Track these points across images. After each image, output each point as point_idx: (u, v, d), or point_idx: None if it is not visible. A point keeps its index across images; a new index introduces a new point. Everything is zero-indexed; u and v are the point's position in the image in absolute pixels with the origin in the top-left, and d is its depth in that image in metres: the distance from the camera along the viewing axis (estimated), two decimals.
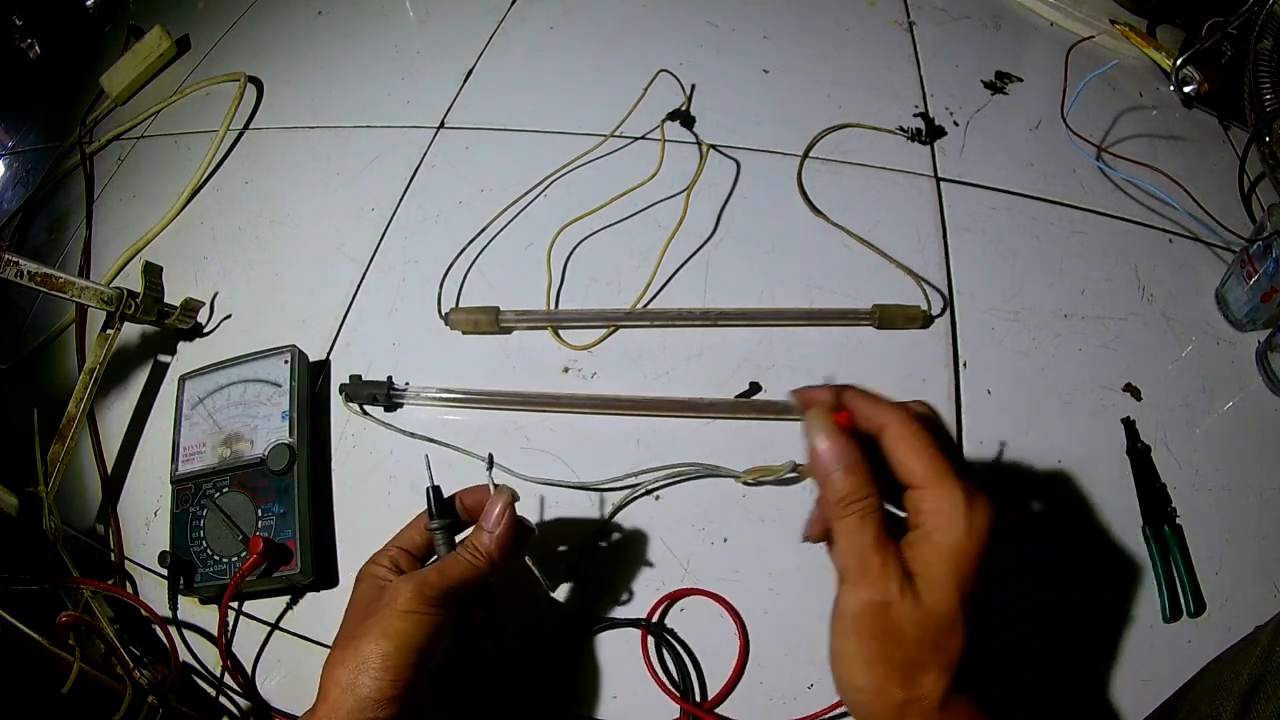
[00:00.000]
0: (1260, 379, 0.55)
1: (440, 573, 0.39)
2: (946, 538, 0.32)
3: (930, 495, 0.32)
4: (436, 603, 0.37)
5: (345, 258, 0.70)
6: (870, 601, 0.32)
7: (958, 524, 0.31)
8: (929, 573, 0.32)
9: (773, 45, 0.80)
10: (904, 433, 0.33)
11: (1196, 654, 0.45)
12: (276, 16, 1.00)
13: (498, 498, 0.41)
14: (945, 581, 0.31)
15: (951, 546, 0.31)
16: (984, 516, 0.32)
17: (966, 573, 0.31)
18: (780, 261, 0.63)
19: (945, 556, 0.32)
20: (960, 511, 0.32)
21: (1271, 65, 0.63)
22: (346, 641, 0.37)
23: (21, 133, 1.07)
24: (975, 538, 0.32)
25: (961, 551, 0.31)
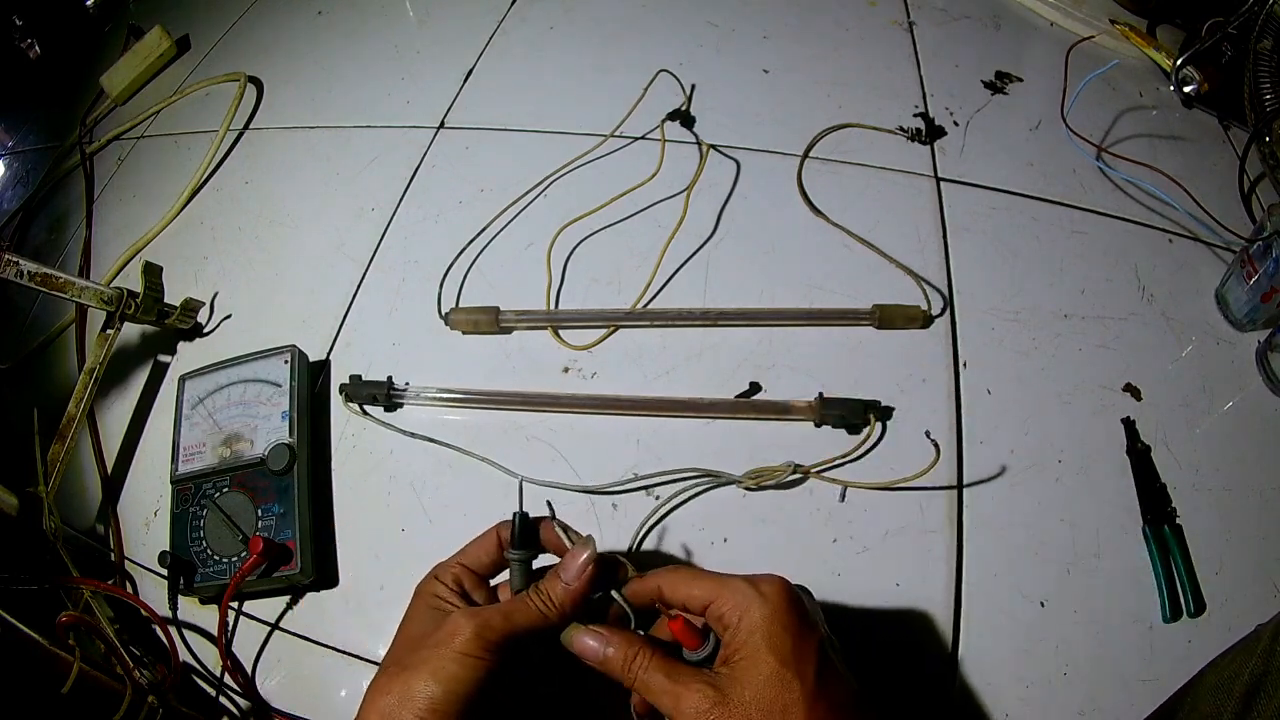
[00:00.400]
0: (1260, 379, 0.55)
1: (506, 617, 0.36)
2: (747, 620, 0.34)
3: (719, 601, 0.35)
4: (496, 649, 0.35)
5: (345, 258, 0.70)
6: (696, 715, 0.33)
7: (752, 605, 0.34)
8: (743, 653, 0.34)
9: (773, 45, 0.80)
10: (673, 579, 0.37)
11: (1196, 654, 0.45)
12: (276, 16, 1.00)
13: (580, 550, 0.39)
14: (758, 654, 0.33)
15: (756, 623, 0.34)
16: (772, 587, 0.35)
17: (778, 636, 0.33)
18: (780, 261, 0.63)
19: (754, 633, 0.34)
20: (748, 594, 0.34)
21: (1271, 65, 0.63)
22: (397, 670, 0.35)
23: (21, 133, 1.08)
24: (773, 606, 0.34)
25: (766, 621, 0.34)
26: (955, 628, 0.47)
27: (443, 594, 0.39)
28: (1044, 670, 0.46)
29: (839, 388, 0.56)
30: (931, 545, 0.50)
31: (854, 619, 0.48)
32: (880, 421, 0.54)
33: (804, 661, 0.33)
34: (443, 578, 0.40)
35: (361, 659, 0.51)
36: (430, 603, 0.39)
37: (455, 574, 0.40)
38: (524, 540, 0.40)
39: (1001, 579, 0.48)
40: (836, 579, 0.49)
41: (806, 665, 0.33)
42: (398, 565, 0.53)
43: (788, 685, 0.32)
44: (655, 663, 0.35)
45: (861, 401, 0.53)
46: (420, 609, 0.39)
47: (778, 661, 0.33)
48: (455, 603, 0.39)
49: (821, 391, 0.54)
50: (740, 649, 0.34)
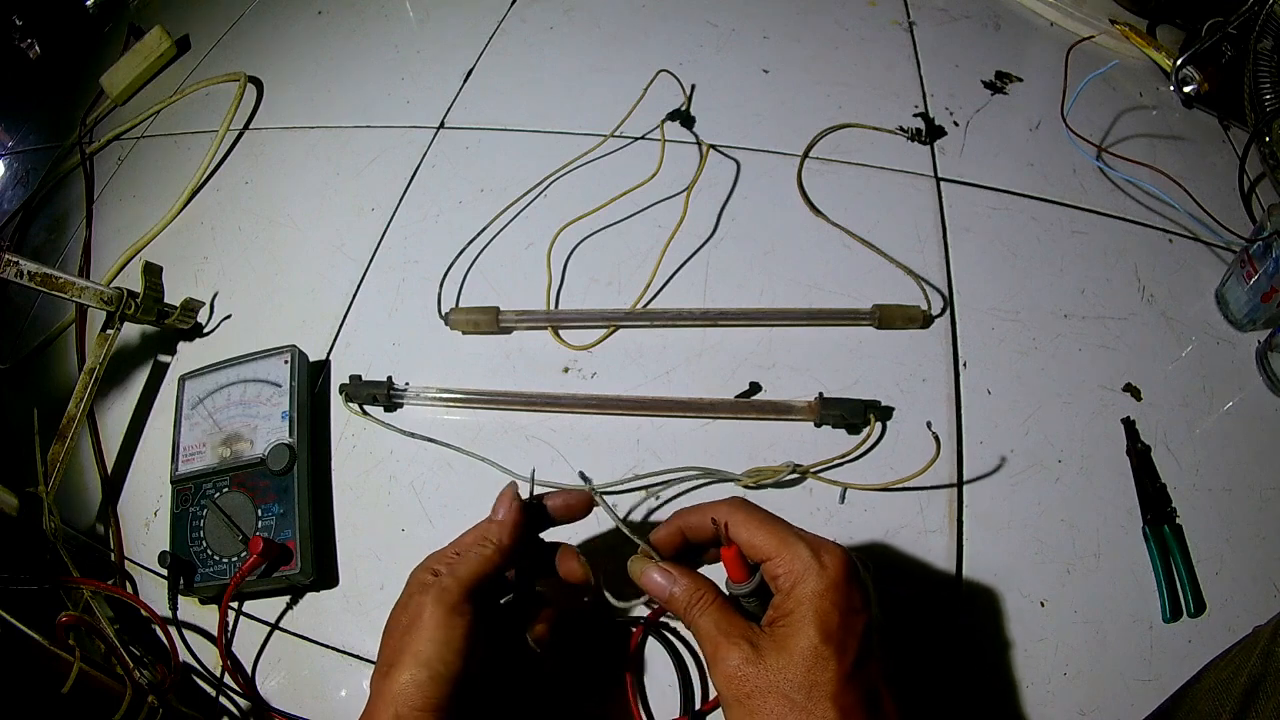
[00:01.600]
0: (1260, 379, 0.55)
1: (454, 574, 0.38)
2: (802, 588, 0.34)
3: (780, 560, 0.35)
4: (461, 610, 0.37)
5: (345, 258, 0.70)
6: (729, 672, 0.34)
7: (809, 574, 0.34)
8: (789, 621, 0.34)
9: (773, 45, 0.80)
10: (740, 518, 0.37)
11: (1196, 654, 0.45)
12: (276, 16, 1.00)
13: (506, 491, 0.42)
14: (803, 625, 0.33)
15: (808, 594, 0.34)
16: (834, 559, 0.35)
17: (826, 612, 0.33)
18: (780, 261, 0.63)
19: (802, 603, 0.34)
20: (808, 562, 0.34)
21: (1271, 65, 0.63)
22: (387, 668, 0.36)
23: (21, 133, 1.08)
24: (829, 580, 0.34)
25: (818, 595, 0.34)
26: (955, 627, 0.47)
27: (427, 581, 0.39)
28: (1044, 670, 0.46)
29: (839, 388, 0.56)
30: (931, 545, 0.50)
31: None
32: (880, 421, 0.54)
33: (845, 643, 0.33)
34: (435, 568, 0.40)
35: (361, 659, 0.51)
36: (412, 590, 0.39)
37: (448, 561, 0.40)
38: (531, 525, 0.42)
39: (1001, 579, 0.48)
40: None
41: (847, 648, 0.33)
42: (398, 565, 0.53)
43: (823, 664, 0.33)
44: (712, 609, 0.36)
45: (861, 401, 0.53)
46: (402, 600, 0.39)
47: (820, 637, 0.33)
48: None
49: (821, 391, 0.54)
50: (788, 615, 0.34)
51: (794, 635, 0.33)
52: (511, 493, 0.42)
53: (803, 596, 0.34)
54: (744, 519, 0.37)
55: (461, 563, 0.39)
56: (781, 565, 0.35)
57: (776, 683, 0.33)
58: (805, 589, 0.34)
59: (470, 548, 0.40)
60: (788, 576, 0.35)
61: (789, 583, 0.34)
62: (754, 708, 0.33)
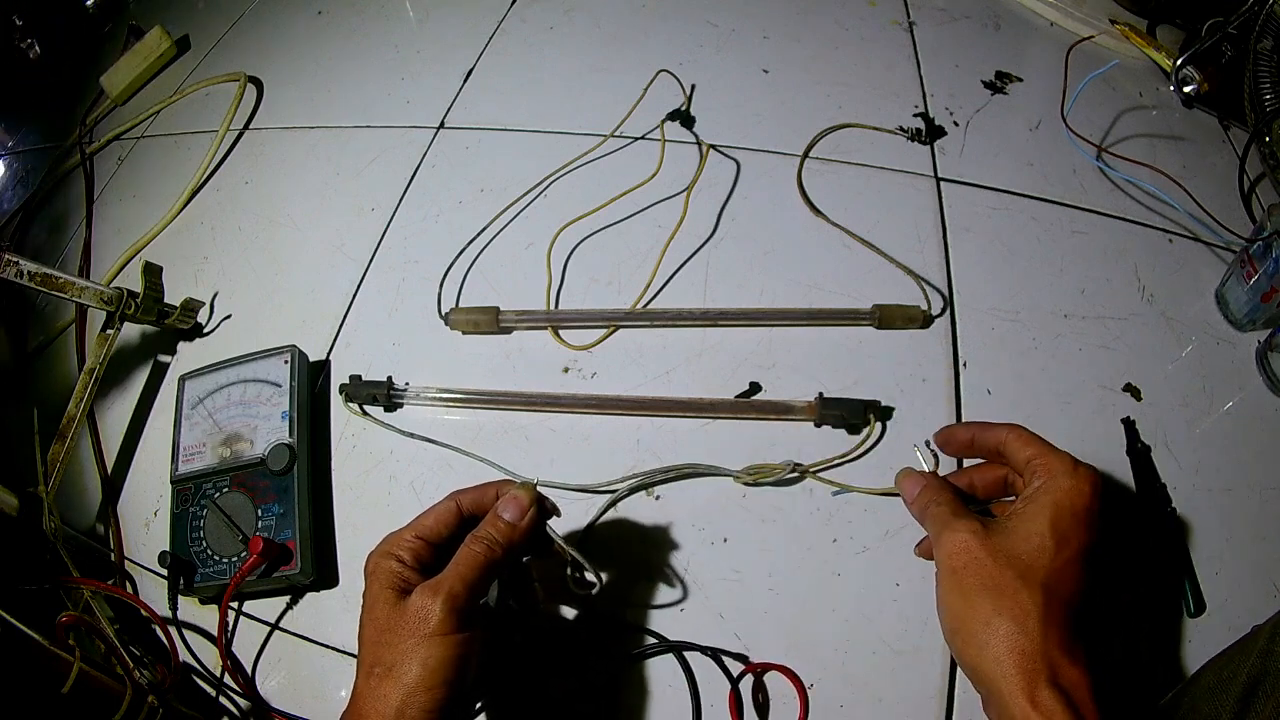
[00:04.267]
0: (1260, 379, 0.55)
1: (462, 578, 0.37)
2: (1051, 482, 0.37)
3: (1040, 462, 0.38)
4: (466, 612, 0.36)
5: (345, 258, 0.70)
6: (953, 540, 0.36)
7: (1062, 477, 0.37)
8: (1027, 508, 0.36)
9: (773, 45, 0.80)
10: (1017, 433, 0.40)
11: (1196, 654, 0.45)
12: (276, 16, 1.00)
13: (523, 492, 0.41)
14: (1039, 513, 0.36)
15: (1055, 488, 0.36)
16: (1088, 472, 0.37)
17: (1063, 508, 0.36)
18: (780, 261, 0.63)
19: (1045, 495, 0.36)
20: (1064, 467, 0.37)
21: (1271, 65, 0.63)
22: (384, 672, 0.35)
23: (21, 133, 1.08)
24: (1078, 486, 0.36)
25: (1063, 492, 0.36)
26: None
27: (402, 572, 0.38)
28: None
29: (839, 388, 0.56)
30: None
31: (854, 619, 0.48)
32: (880, 421, 0.54)
33: (1067, 544, 0.35)
34: (399, 554, 0.39)
35: None
36: (390, 583, 0.38)
37: (413, 549, 0.39)
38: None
39: None
40: (836, 579, 0.49)
41: (1067, 548, 0.35)
42: None
43: (1042, 552, 0.35)
44: (948, 501, 0.39)
45: (861, 401, 0.53)
46: (381, 592, 0.38)
47: (1049, 528, 0.35)
48: (414, 579, 0.38)
49: (821, 391, 0.54)
50: (1029, 502, 0.37)
51: (1026, 520, 0.36)
52: (530, 497, 0.41)
53: (1049, 489, 0.36)
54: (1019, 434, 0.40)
55: (469, 565, 0.38)
56: (1041, 461, 0.38)
57: (995, 557, 0.35)
58: (1054, 483, 0.37)
59: (474, 549, 0.39)
60: (1043, 470, 0.37)
61: (1041, 477, 0.37)
62: (966, 580, 0.35)
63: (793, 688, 0.46)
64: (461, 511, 0.41)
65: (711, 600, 0.49)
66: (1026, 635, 0.33)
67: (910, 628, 0.47)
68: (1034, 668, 0.32)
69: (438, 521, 0.40)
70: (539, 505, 0.41)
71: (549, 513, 0.43)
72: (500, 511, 0.40)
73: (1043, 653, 0.32)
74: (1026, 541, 0.35)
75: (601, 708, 0.47)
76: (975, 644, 0.34)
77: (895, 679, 0.46)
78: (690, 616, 0.49)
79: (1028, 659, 0.32)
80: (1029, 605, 0.33)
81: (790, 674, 0.46)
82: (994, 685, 0.33)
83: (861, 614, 0.48)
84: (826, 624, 0.48)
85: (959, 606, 0.35)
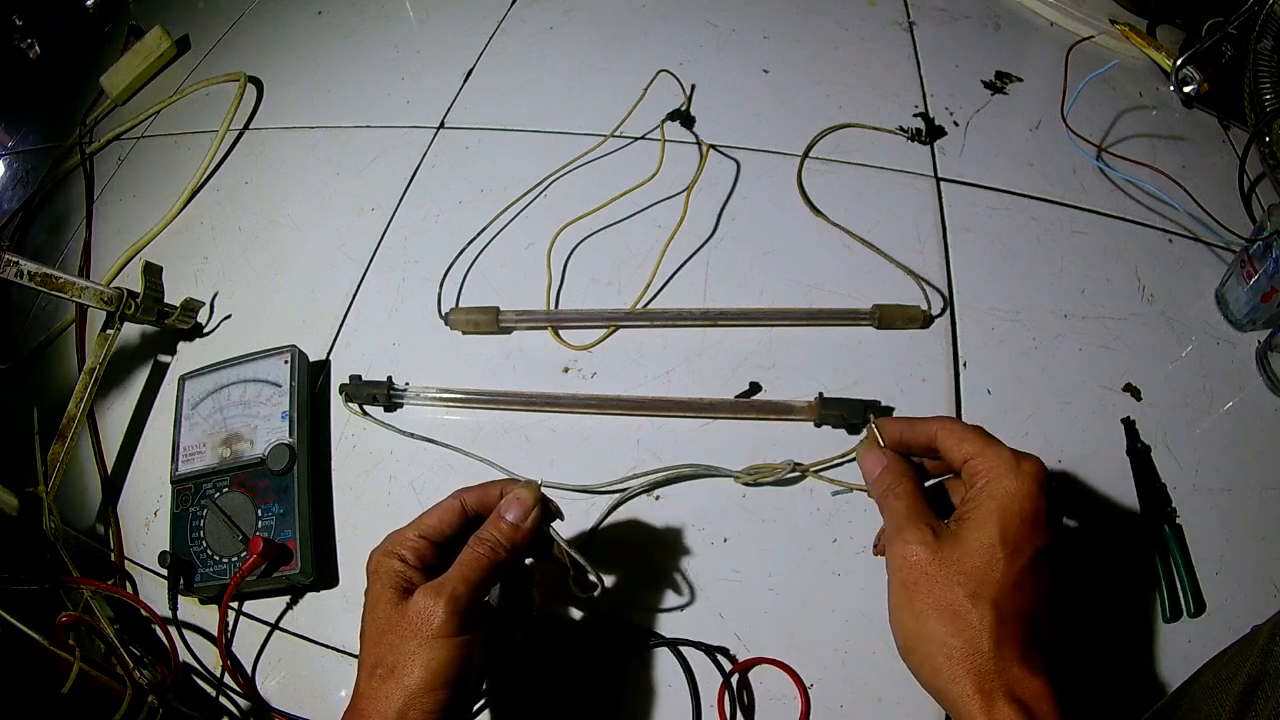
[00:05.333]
0: (1260, 379, 0.55)
1: (465, 580, 0.37)
2: (994, 486, 0.35)
3: (980, 459, 0.36)
4: (469, 613, 0.36)
5: (345, 258, 0.70)
6: (904, 552, 0.35)
7: (1005, 474, 0.35)
8: (974, 515, 0.35)
9: (773, 45, 0.80)
10: (948, 429, 0.38)
11: (1196, 654, 0.45)
12: (276, 16, 1.00)
13: (527, 492, 0.41)
14: (986, 521, 0.34)
15: (1000, 492, 0.35)
16: (1031, 467, 0.36)
17: (1011, 514, 0.34)
18: (780, 261, 0.63)
19: (991, 498, 0.35)
20: (1006, 464, 0.36)
21: (1271, 65, 0.63)
22: (386, 672, 0.35)
23: (21, 133, 1.08)
24: (1022, 487, 0.35)
25: (1008, 494, 0.35)
26: None
27: (404, 572, 0.38)
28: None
29: (839, 388, 0.56)
30: None
31: (854, 619, 0.48)
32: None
33: (1020, 550, 0.34)
34: (401, 553, 0.38)
35: None
36: (392, 582, 0.37)
37: (416, 548, 0.39)
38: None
39: None
40: (836, 579, 0.49)
41: (1020, 555, 0.34)
42: None
43: (993, 565, 0.34)
44: (906, 496, 0.38)
45: (861, 401, 0.53)
46: (383, 592, 0.37)
47: (998, 536, 0.34)
48: (417, 579, 0.37)
49: (821, 391, 0.54)
50: (975, 509, 0.35)
51: (975, 530, 0.35)
52: (534, 498, 0.40)
53: (994, 492, 0.35)
54: (952, 428, 0.38)
55: (473, 567, 0.38)
56: (981, 462, 0.36)
57: (945, 573, 0.34)
58: (997, 485, 0.35)
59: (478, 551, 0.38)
60: (984, 473, 0.36)
61: (984, 479, 0.36)
62: (917, 596, 0.34)
63: (794, 687, 0.46)
64: (465, 511, 0.41)
65: (712, 600, 0.49)
66: (980, 655, 0.32)
67: None
68: (990, 686, 0.32)
69: (441, 521, 0.40)
70: (542, 506, 0.41)
71: (552, 515, 0.43)
72: (504, 512, 0.40)
73: (998, 671, 0.32)
74: (977, 555, 0.34)
75: (601, 707, 0.47)
76: (930, 664, 0.34)
77: (895, 679, 0.46)
78: (690, 616, 0.49)
79: (984, 678, 0.32)
80: (980, 625, 0.33)
81: (791, 672, 0.46)
82: (953, 705, 0.33)
83: (861, 614, 0.48)
84: (826, 624, 0.48)
85: (911, 626, 0.35)
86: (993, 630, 0.33)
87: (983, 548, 0.34)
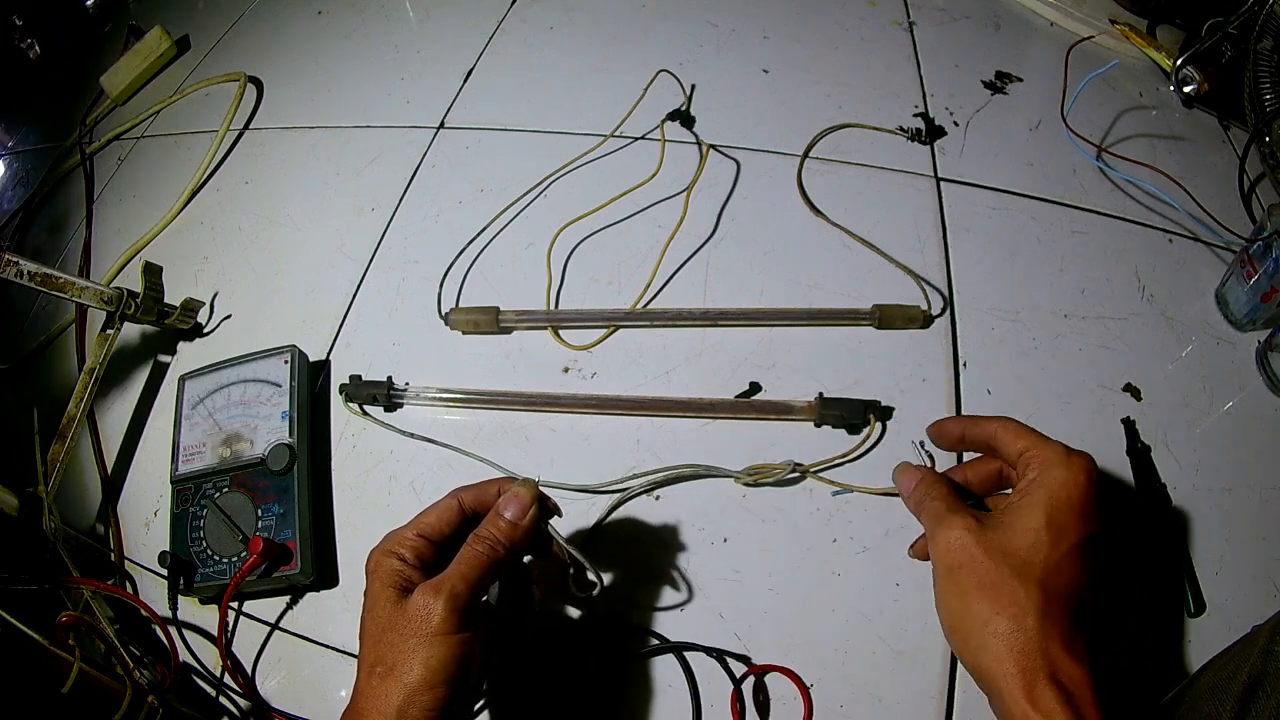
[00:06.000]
0: (1260, 379, 0.55)
1: (464, 578, 0.37)
2: (1045, 475, 0.36)
3: (1033, 453, 0.37)
4: (469, 611, 0.36)
5: (345, 258, 0.70)
6: (948, 539, 0.36)
7: (1056, 464, 0.36)
8: (1023, 501, 0.36)
9: (773, 45, 0.80)
10: (1007, 426, 0.39)
11: (1196, 654, 0.45)
12: (276, 16, 1.00)
13: (524, 489, 0.41)
14: (1034, 507, 0.35)
15: (1050, 480, 0.36)
16: (1082, 460, 0.36)
17: (1059, 501, 0.35)
18: (780, 261, 0.63)
19: (1041, 487, 0.36)
20: (1058, 457, 0.36)
21: (1271, 65, 0.63)
22: (385, 671, 0.35)
23: (21, 133, 1.08)
24: (1072, 477, 0.35)
25: (1058, 484, 0.35)
26: None
27: (403, 570, 0.38)
28: None
29: (839, 388, 0.56)
30: None
31: (853, 619, 0.48)
32: (880, 421, 0.54)
33: (1064, 537, 0.34)
34: (400, 552, 0.38)
35: None
36: (391, 581, 0.37)
37: (415, 547, 0.39)
38: None
39: None
40: (836, 579, 0.49)
41: (1064, 541, 0.34)
42: None
43: (1039, 547, 0.34)
44: (942, 495, 0.39)
45: (861, 401, 0.53)
46: (383, 590, 0.37)
47: (1044, 522, 0.35)
48: (416, 578, 0.37)
49: (821, 391, 0.54)
50: (1024, 495, 0.36)
51: (1022, 515, 0.35)
52: (532, 495, 0.40)
53: (1043, 481, 0.36)
54: (1009, 426, 0.39)
55: (471, 565, 0.38)
56: (1034, 453, 0.37)
57: (990, 554, 0.34)
58: (1048, 475, 0.36)
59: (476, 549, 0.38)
60: (1036, 462, 0.37)
61: (1035, 470, 0.36)
62: (962, 579, 0.35)
63: (796, 690, 0.46)
64: (463, 509, 0.41)
65: (711, 600, 0.49)
66: (1024, 634, 0.33)
67: (910, 628, 0.47)
68: (1033, 666, 0.32)
69: (439, 519, 0.40)
70: (540, 504, 0.41)
71: (550, 512, 0.43)
72: (502, 510, 0.40)
73: (1041, 650, 0.32)
74: (1022, 537, 0.34)
75: (602, 707, 0.47)
76: (974, 644, 0.34)
77: (895, 679, 0.46)
78: (690, 616, 0.49)
79: (1027, 657, 0.32)
80: (1026, 603, 0.33)
81: (793, 676, 0.46)
82: (995, 685, 0.33)
83: (861, 614, 0.48)
84: (826, 624, 0.48)
85: (956, 606, 0.35)
86: (1038, 609, 0.33)
87: (1029, 529, 0.34)
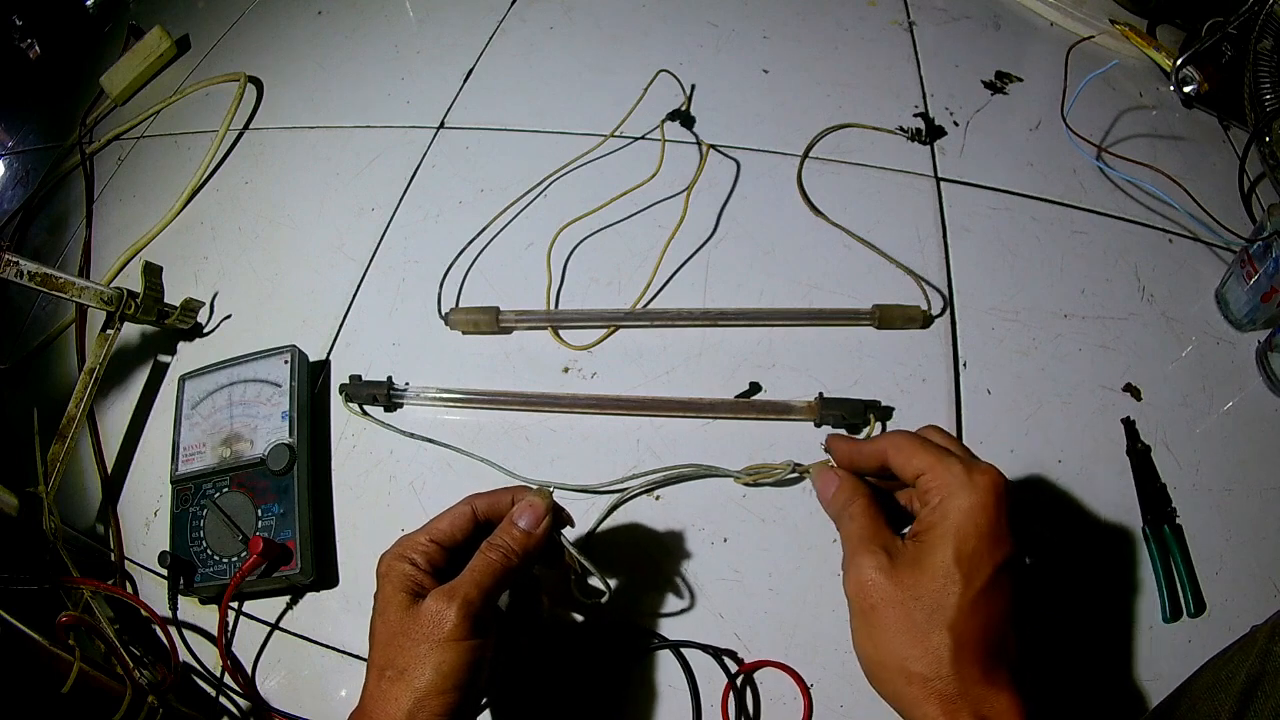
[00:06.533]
0: (1260, 379, 0.55)
1: (478, 584, 0.37)
2: (947, 504, 0.34)
3: (931, 475, 0.35)
4: (481, 618, 0.36)
5: (345, 258, 0.70)
6: (860, 577, 0.34)
7: (958, 490, 0.34)
8: (928, 535, 0.34)
9: (773, 45, 0.80)
10: (898, 445, 0.37)
11: (1196, 654, 0.45)
12: (276, 16, 1.00)
13: (539, 499, 0.40)
14: (941, 541, 0.33)
15: (953, 510, 0.34)
16: (986, 479, 0.34)
17: (965, 533, 0.33)
18: (780, 261, 0.63)
19: (945, 518, 0.34)
20: (960, 478, 0.34)
21: (1271, 65, 0.63)
22: (395, 674, 0.35)
23: (21, 133, 1.07)
24: (978, 501, 0.33)
25: (961, 511, 0.33)
26: None
27: (415, 575, 0.38)
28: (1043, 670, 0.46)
29: (839, 388, 0.56)
30: None
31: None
32: (880, 421, 0.54)
33: (977, 569, 0.33)
34: (413, 557, 0.38)
35: (361, 659, 0.51)
36: (403, 586, 0.37)
37: (427, 552, 0.39)
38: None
39: None
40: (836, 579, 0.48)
41: (977, 574, 0.33)
42: None
43: (950, 586, 0.33)
44: (861, 516, 0.37)
45: (861, 401, 0.53)
46: (394, 595, 0.37)
47: (953, 558, 0.33)
48: (428, 584, 0.38)
49: (821, 391, 0.54)
50: (930, 529, 0.34)
51: (929, 551, 0.33)
52: (547, 505, 0.40)
53: (947, 511, 0.34)
54: (902, 443, 0.37)
55: (485, 571, 0.38)
56: (933, 479, 0.35)
57: (902, 598, 0.33)
58: (951, 504, 0.34)
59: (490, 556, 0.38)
60: (937, 490, 0.34)
61: (937, 497, 0.34)
62: (875, 621, 0.33)
63: (796, 689, 0.46)
64: (476, 517, 0.41)
65: (711, 600, 0.49)
66: (942, 679, 0.32)
67: None
68: (955, 708, 0.32)
69: (452, 525, 0.40)
70: (554, 514, 0.41)
71: (563, 522, 0.43)
72: (516, 519, 0.40)
73: (960, 693, 0.32)
74: (932, 579, 0.33)
75: (602, 708, 0.47)
76: (893, 687, 0.34)
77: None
78: (690, 616, 0.49)
79: (947, 701, 0.32)
80: (941, 651, 0.32)
81: (793, 673, 0.46)
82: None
83: None
84: (826, 624, 0.48)
85: (872, 652, 0.34)
86: (952, 654, 0.32)
87: (938, 571, 0.33)
